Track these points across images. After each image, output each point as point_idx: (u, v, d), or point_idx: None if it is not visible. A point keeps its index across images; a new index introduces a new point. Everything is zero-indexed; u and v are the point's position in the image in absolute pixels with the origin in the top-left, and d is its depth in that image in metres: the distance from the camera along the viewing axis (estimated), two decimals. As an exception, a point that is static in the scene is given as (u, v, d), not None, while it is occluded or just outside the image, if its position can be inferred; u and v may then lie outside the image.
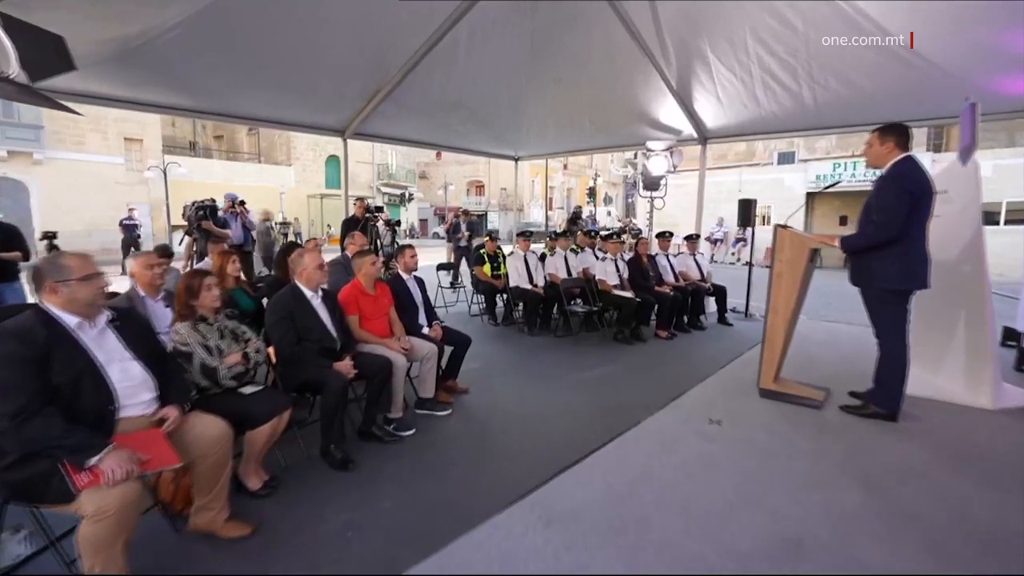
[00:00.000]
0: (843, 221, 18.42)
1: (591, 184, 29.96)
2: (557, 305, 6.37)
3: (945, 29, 4.30)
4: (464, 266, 9.19)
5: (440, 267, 8.24)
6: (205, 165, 22.41)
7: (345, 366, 2.88)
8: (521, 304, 6.67)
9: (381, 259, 4.89)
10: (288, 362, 2.84)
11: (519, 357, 5.20)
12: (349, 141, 7.08)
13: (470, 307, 7.35)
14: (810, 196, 17.15)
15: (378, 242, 6.77)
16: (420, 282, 4.17)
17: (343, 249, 5.06)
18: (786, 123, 6.55)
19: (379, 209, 6.86)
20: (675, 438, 2.57)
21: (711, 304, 7.26)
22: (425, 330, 3.92)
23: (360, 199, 7.16)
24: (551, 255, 6.84)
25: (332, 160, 27.43)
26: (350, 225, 6.76)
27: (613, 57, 5.89)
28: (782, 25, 4.95)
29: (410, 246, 4.07)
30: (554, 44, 5.76)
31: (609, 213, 34.18)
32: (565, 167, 36.77)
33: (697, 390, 3.35)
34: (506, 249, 7.27)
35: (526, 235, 6.70)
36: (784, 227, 3.19)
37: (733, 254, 17.26)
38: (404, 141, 8.08)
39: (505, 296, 6.92)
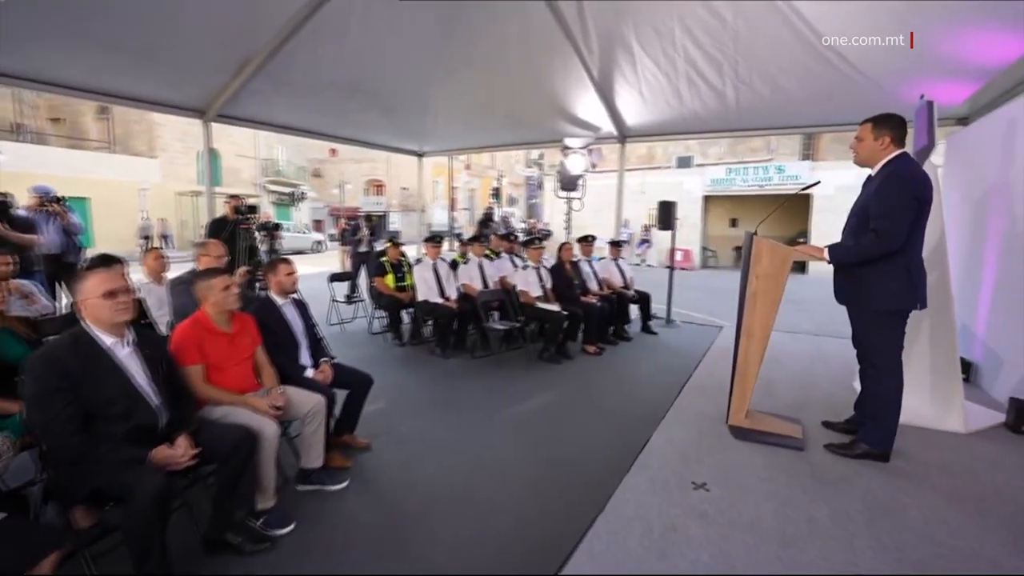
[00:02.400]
0: (733, 223, 19.68)
1: (495, 185, 29.58)
2: (473, 321, 5.57)
3: (866, 32, 4.16)
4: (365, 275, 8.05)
5: (334, 277, 7.06)
6: (37, 153, 18.45)
7: (172, 452, 1.86)
8: (431, 321, 5.79)
9: (241, 278, 3.79)
10: (68, 461, 1.75)
11: (433, 389, 4.33)
12: (215, 125, 5.72)
13: (371, 323, 6.30)
14: (706, 199, 18.06)
15: (249, 254, 5.47)
16: (302, 306, 3.16)
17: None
18: (707, 123, 6.34)
19: (252, 210, 5.58)
20: (664, 526, 1.90)
21: (632, 311, 6.90)
22: (310, 372, 2.92)
23: (233, 197, 5.80)
24: (464, 263, 6.03)
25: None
26: (216, 229, 5.42)
27: (532, 39, 5.22)
28: (712, 16, 4.59)
29: (285, 260, 3.04)
30: (467, 20, 4.96)
31: (512, 215, 34.09)
32: (468, 167, 36.05)
33: (660, 436, 2.74)
34: (409, 252, 6.34)
35: (435, 240, 5.82)
36: (755, 235, 2.68)
37: (638, 255, 17.65)
38: (289, 129, 6.81)
39: (412, 311, 5.99)
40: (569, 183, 7.51)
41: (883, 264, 2.34)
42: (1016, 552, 1.82)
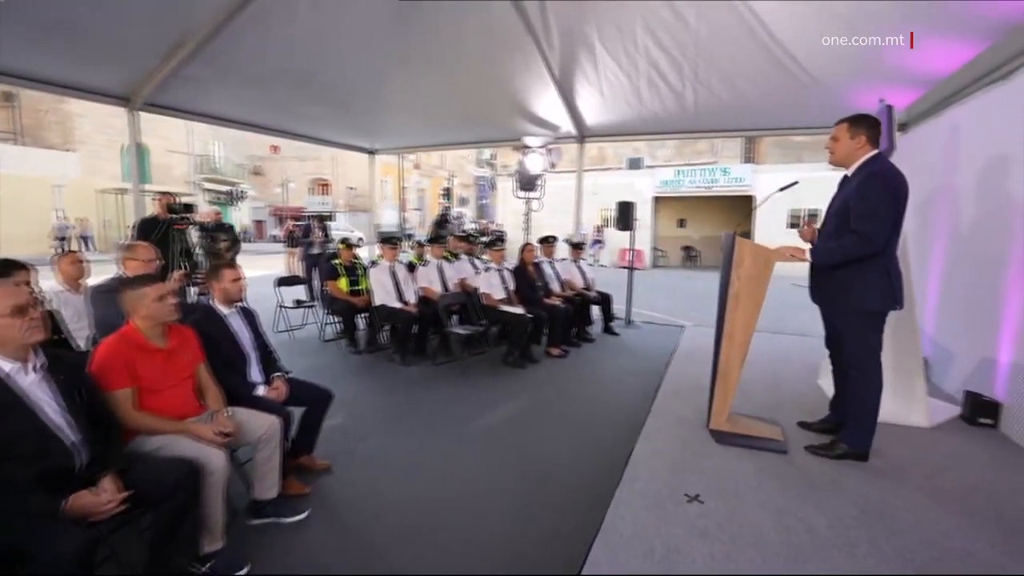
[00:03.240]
0: (681, 223, 20.33)
1: (446, 185, 29.20)
2: (434, 325, 5.32)
3: (822, 38, 4.26)
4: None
5: (282, 281, 6.59)
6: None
7: (95, 499, 1.54)
8: (389, 326, 5.49)
9: (176, 282, 3.40)
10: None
11: (395, 400, 4.06)
12: (143, 115, 5.17)
13: (322, 329, 5.91)
14: (656, 200, 18.52)
15: (185, 257, 4.96)
16: (249, 316, 2.83)
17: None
18: (665, 124, 6.39)
19: (188, 209, 5.07)
20: (666, 547, 1.76)
21: (593, 311, 6.86)
22: (261, 390, 2.61)
23: (164, 193, 5.25)
24: (422, 265, 5.77)
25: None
26: (145, 230, 4.87)
27: (492, 33, 5.04)
28: (675, 17, 4.58)
29: (230, 265, 2.71)
30: (425, 11, 4.71)
31: (463, 216, 33.78)
32: (417, 167, 35.39)
33: (644, 445, 2.63)
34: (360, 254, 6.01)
35: (392, 242, 5.52)
36: (736, 235, 2.63)
37: (591, 255, 17.85)
38: (229, 122, 6.29)
39: (368, 316, 5.67)
40: (528, 183, 7.38)
41: (863, 265, 2.34)
42: (1007, 552, 1.82)
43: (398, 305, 5.14)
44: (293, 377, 2.83)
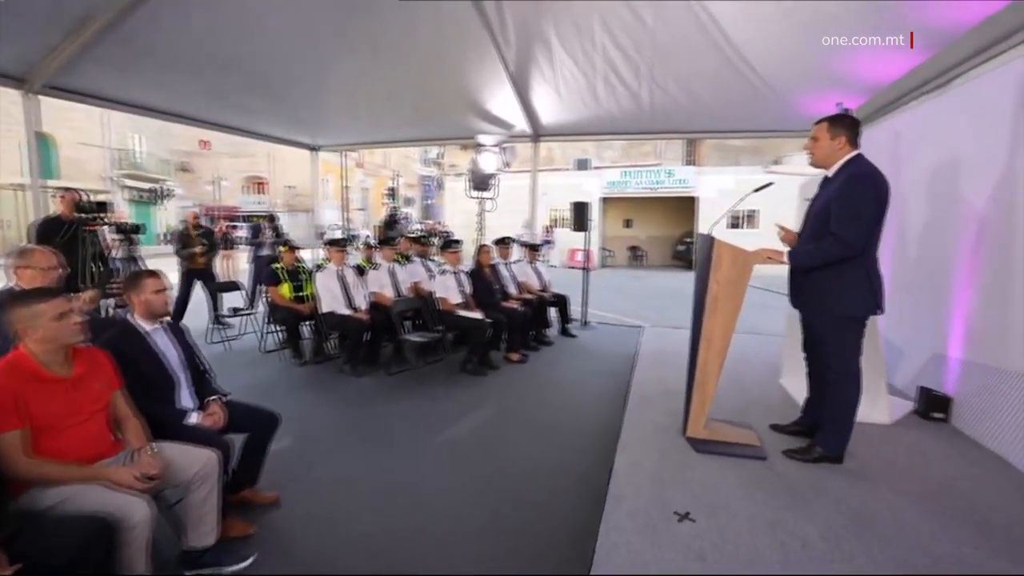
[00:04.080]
0: (628, 224, 20.78)
1: (391, 184, 28.45)
2: (387, 333, 5.01)
3: (776, 43, 4.34)
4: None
5: (219, 287, 6.03)
6: None
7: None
8: (337, 335, 5.12)
9: (87, 302, 2.96)
10: None
11: (348, 415, 3.74)
12: (45, 101, 4.54)
13: (263, 339, 5.43)
14: (603, 200, 18.81)
15: (96, 263, 4.37)
16: (178, 331, 2.46)
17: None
18: (620, 125, 6.38)
19: (102, 207, 4.48)
20: (665, 578, 1.63)
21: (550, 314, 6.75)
22: (194, 417, 2.26)
23: (68, 190, 4.60)
24: (373, 269, 5.44)
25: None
26: (47, 232, 4.24)
27: (446, 26, 4.79)
28: (633, 16, 4.52)
29: (152, 274, 2.33)
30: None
31: (408, 216, 33.04)
32: (360, 166, 34.24)
33: (623, 458, 2.50)
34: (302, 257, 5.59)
35: (340, 244, 5.16)
36: (708, 236, 2.55)
37: (542, 255, 17.85)
38: (151, 111, 5.69)
39: (313, 324, 5.27)
40: (481, 182, 7.17)
41: (845, 269, 2.31)
42: (991, 555, 1.83)
43: (348, 312, 4.79)
44: (232, 400, 2.49)
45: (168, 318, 2.44)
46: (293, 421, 3.40)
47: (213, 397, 2.39)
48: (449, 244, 5.37)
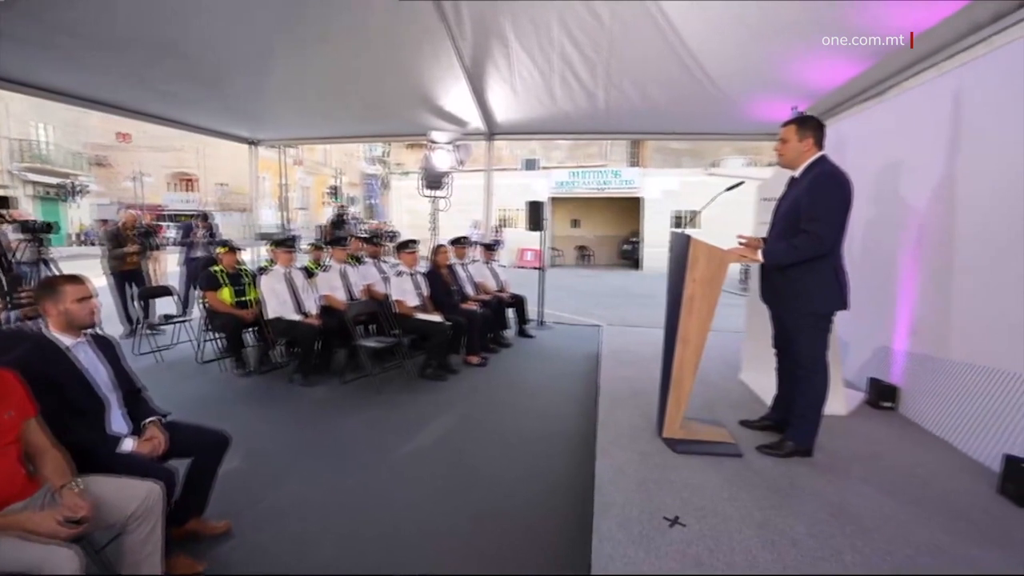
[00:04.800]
0: (575, 223, 21.08)
1: (333, 183, 27.42)
2: (340, 338, 4.73)
3: (728, 47, 4.45)
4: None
5: (148, 292, 5.48)
6: None
7: None
8: (285, 342, 4.78)
9: None
10: None
11: (302, 429, 3.47)
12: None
13: (200, 348, 4.99)
14: (552, 200, 18.95)
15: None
16: (105, 345, 2.15)
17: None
18: (576, 124, 6.38)
19: (3, 203, 3.92)
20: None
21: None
22: (129, 444, 1.97)
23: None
24: (323, 271, 5.13)
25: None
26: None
27: (400, 16, 4.57)
28: (591, 15, 4.50)
29: (73, 279, 2.02)
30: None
31: (355, 216, 31.97)
32: (299, 163, 32.75)
33: (604, 463, 2.44)
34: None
35: (287, 244, 4.82)
36: (683, 235, 2.54)
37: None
38: (62, 95, 5.07)
39: (258, 331, 4.91)
40: (434, 181, 6.98)
41: (814, 266, 2.37)
42: (957, 534, 1.93)
43: (297, 317, 4.48)
44: (174, 421, 2.21)
45: (94, 329, 2.13)
46: (241, 438, 3.08)
47: (151, 419, 2.10)
48: (405, 245, 5.15)
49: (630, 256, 19.46)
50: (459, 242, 6.15)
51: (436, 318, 4.79)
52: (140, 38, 4.14)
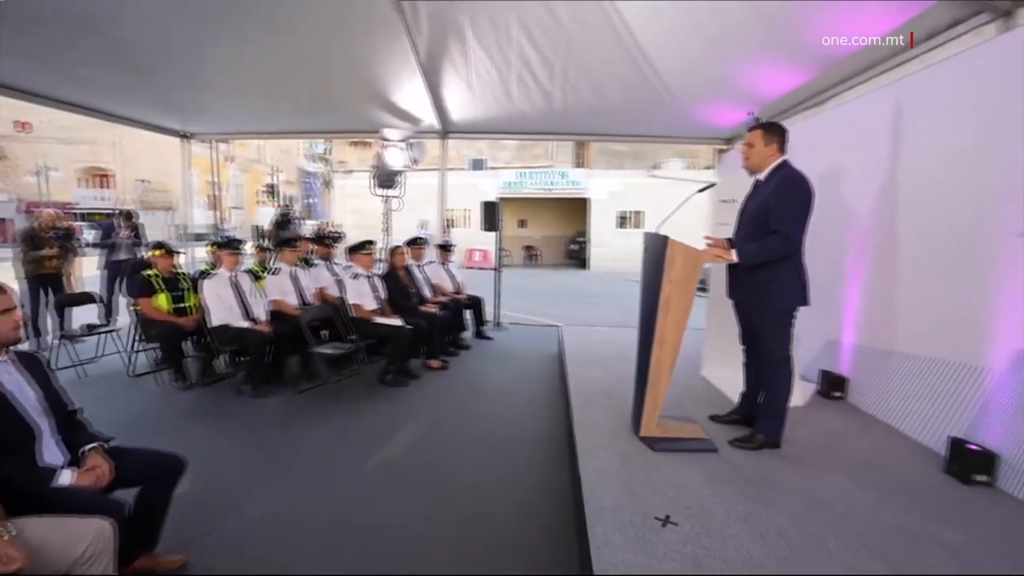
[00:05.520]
0: (522, 224, 21.18)
1: (270, 181, 26.09)
2: (294, 345, 4.45)
3: (682, 52, 4.58)
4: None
5: (67, 300, 4.92)
6: None
7: None
8: (230, 351, 4.44)
9: None
10: None
11: (257, 445, 3.22)
12: None
13: (131, 360, 4.54)
14: (500, 200, 18.95)
15: None
16: (32, 364, 1.88)
17: None
18: (532, 124, 6.38)
19: None
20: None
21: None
22: (67, 477, 1.73)
23: None
24: (271, 275, 4.82)
25: None
26: None
27: (353, 4, 4.37)
28: (550, 15, 4.49)
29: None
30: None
31: (300, 216, 30.54)
32: (231, 159, 30.85)
33: (588, 465, 2.41)
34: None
35: (232, 246, 4.49)
36: (660, 236, 2.57)
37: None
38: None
39: (199, 340, 4.54)
40: (387, 180, 6.77)
41: (780, 265, 2.47)
42: (919, 515, 2.07)
43: (245, 324, 4.18)
44: (118, 446, 1.97)
45: (17, 347, 1.86)
46: (191, 458, 2.84)
47: (91, 446, 1.86)
48: (361, 246, 4.93)
49: (577, 256, 19.81)
50: (415, 243, 5.99)
51: (396, 322, 4.62)
52: (52, 12, 3.69)
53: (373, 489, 2.68)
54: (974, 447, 2.36)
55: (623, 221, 18.18)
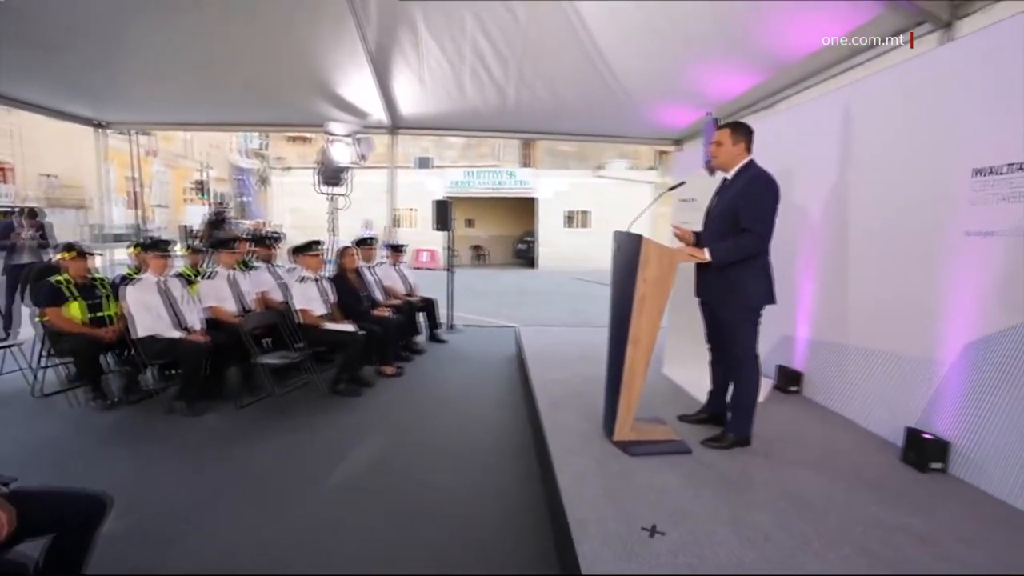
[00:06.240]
0: (469, 223, 20.96)
1: (200, 177, 24.37)
2: (235, 356, 4.09)
3: (638, 53, 4.61)
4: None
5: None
6: None
7: None
8: (159, 364, 4.01)
9: None
10: None
11: (197, 468, 2.89)
12: None
13: (38, 378, 4.00)
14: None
15: None
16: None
17: None
18: (485, 121, 6.25)
19: None
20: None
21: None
22: (-44, 529, 1.42)
23: None
24: (206, 279, 4.40)
25: None
26: None
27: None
28: (506, 10, 4.39)
29: None
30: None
31: (234, 215, 28.63)
32: (153, 153, 28.53)
33: (565, 475, 2.30)
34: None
35: (159, 248, 4.05)
36: (634, 234, 2.51)
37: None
38: None
39: (121, 352, 4.07)
40: (332, 176, 6.43)
41: (749, 263, 2.49)
42: (886, 504, 2.13)
43: (177, 334, 3.78)
44: (21, 489, 1.65)
45: None
46: (116, 489, 2.49)
47: (-8, 488, 1.55)
48: (308, 247, 4.61)
49: (525, 255, 19.85)
50: (365, 243, 5.70)
51: (348, 327, 4.35)
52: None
53: (335, 511, 2.46)
54: (929, 436, 2.48)
55: (570, 220, 18.40)
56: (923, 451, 2.46)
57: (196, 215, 17.91)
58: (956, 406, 2.46)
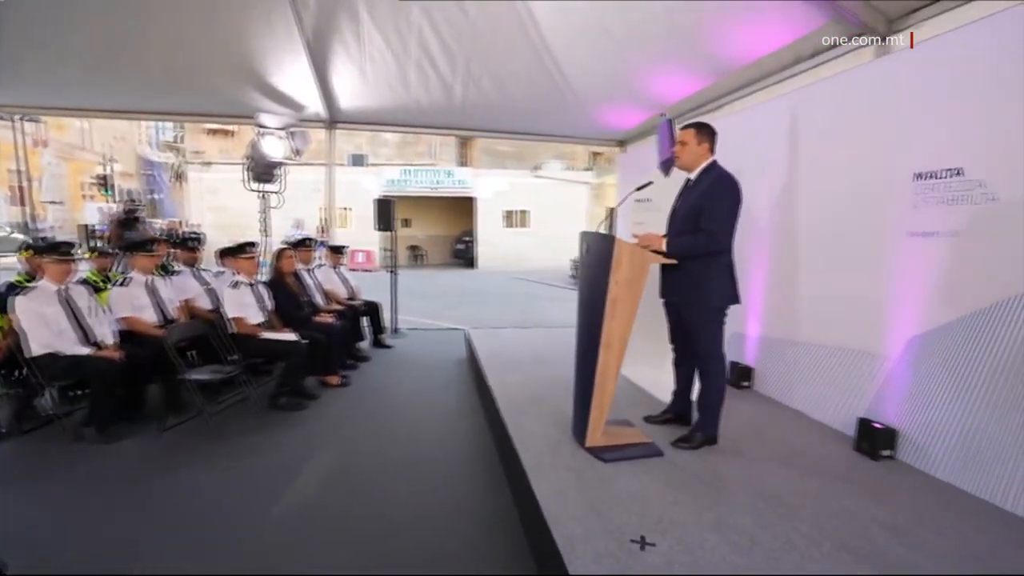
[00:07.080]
0: (407, 223, 20.39)
1: (102, 171, 22.03)
2: (157, 372, 3.63)
3: (588, 54, 4.59)
4: None
5: None
6: None
7: None
8: (59, 386, 3.48)
9: None
10: None
11: (112, 506, 2.50)
12: None
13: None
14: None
15: None
16: None
17: None
18: (429, 117, 6.03)
19: None
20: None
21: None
22: None
23: None
24: (118, 285, 3.88)
25: None
26: None
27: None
28: (455, 5, 4.22)
29: None
30: None
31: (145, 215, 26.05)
32: (43, 143, 25.42)
33: (543, 488, 2.18)
34: None
35: (59, 251, 3.51)
36: (607, 235, 2.45)
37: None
38: None
39: (11, 373, 3.50)
40: (264, 172, 5.95)
41: (714, 263, 2.50)
42: (854, 496, 2.20)
43: (85, 350, 3.29)
44: None
45: None
46: (14, 545, 2.09)
47: None
48: (241, 248, 4.19)
49: (464, 255, 19.63)
50: (304, 244, 5.31)
51: (289, 336, 4.00)
52: None
53: (288, 539, 2.20)
54: (879, 426, 2.61)
55: (509, 220, 18.41)
56: (874, 440, 2.59)
57: (96, 214, 16.12)
58: (902, 396, 2.61)
